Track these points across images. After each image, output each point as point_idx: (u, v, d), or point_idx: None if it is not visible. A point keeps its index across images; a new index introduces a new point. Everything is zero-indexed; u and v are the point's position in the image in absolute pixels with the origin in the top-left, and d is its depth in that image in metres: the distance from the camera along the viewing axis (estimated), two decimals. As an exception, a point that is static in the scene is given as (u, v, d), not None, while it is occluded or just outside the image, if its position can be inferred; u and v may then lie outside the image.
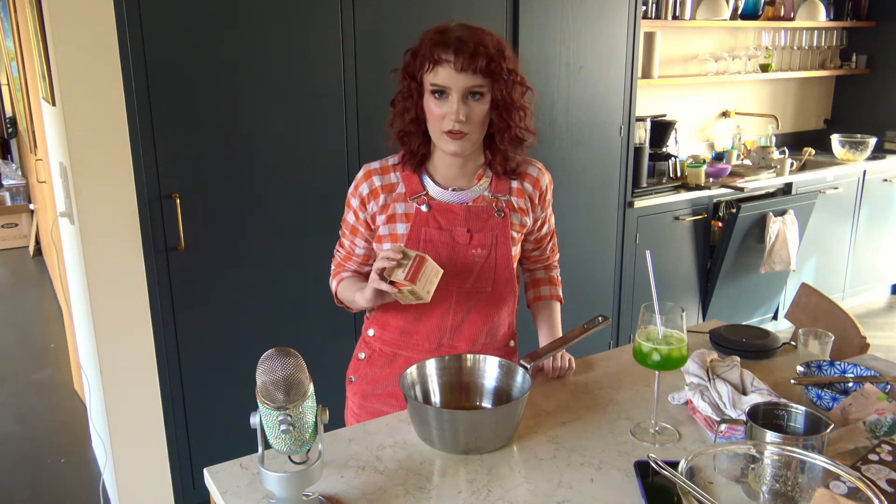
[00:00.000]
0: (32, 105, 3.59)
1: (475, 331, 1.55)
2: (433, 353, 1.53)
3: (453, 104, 1.37)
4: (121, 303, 2.30)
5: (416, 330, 1.55)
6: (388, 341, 1.59)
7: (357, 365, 1.65)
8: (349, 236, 1.58)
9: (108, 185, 2.22)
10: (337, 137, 2.54)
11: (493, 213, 1.50)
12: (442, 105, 1.38)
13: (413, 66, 1.40)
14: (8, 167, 6.15)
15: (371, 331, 1.62)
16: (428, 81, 1.38)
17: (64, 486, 2.89)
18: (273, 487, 1.07)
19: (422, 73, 1.38)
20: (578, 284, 3.29)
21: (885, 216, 4.62)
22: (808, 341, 1.67)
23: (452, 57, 1.34)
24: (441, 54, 1.34)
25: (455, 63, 1.34)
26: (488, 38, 1.37)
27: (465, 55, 1.33)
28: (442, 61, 1.34)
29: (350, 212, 1.55)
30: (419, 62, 1.38)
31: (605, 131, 3.22)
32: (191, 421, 2.50)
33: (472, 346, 1.56)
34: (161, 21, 2.18)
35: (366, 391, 1.62)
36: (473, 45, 1.34)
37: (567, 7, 2.96)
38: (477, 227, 1.49)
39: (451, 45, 1.34)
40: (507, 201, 1.52)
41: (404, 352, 1.57)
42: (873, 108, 4.82)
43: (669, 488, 1.15)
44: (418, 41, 1.41)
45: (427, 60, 1.36)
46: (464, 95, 1.37)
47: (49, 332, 4.44)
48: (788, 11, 4.41)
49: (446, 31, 1.37)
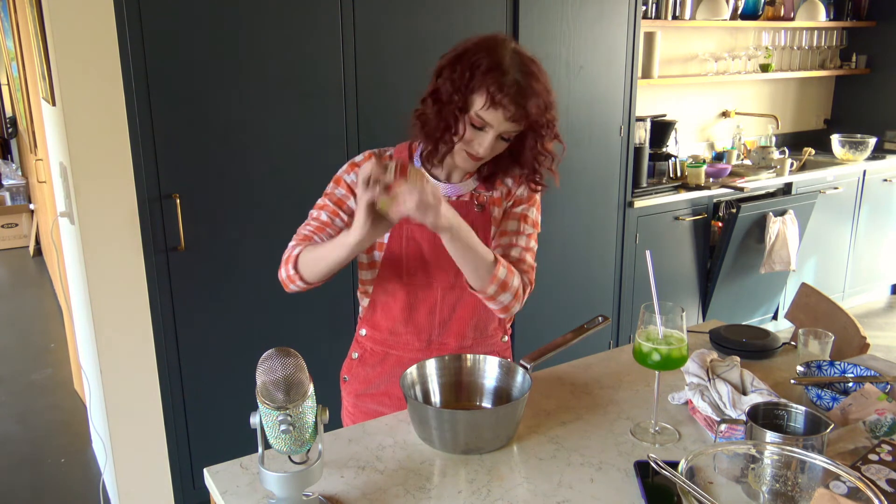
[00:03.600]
0: (32, 105, 3.59)
1: (463, 326, 1.56)
2: (423, 351, 1.55)
3: (488, 139, 1.38)
4: (121, 303, 2.30)
5: (405, 329, 1.56)
6: (378, 340, 1.59)
7: (350, 364, 1.65)
8: (332, 208, 1.53)
9: (108, 185, 2.22)
10: (337, 137, 2.54)
11: (472, 208, 1.51)
12: (476, 134, 1.39)
13: (468, 86, 1.36)
14: (8, 167, 6.15)
15: (363, 331, 1.62)
16: (475, 112, 1.36)
17: (64, 486, 2.89)
18: (273, 487, 1.07)
19: (473, 98, 1.36)
20: (578, 284, 3.29)
21: (885, 216, 4.62)
22: (808, 341, 1.67)
23: (512, 108, 1.34)
24: (501, 98, 1.33)
25: (509, 114, 1.34)
26: (540, 85, 1.37)
27: (522, 109, 1.34)
28: (499, 106, 1.34)
29: (340, 188, 1.53)
30: (473, 87, 1.36)
31: (605, 131, 3.22)
32: (191, 421, 2.50)
33: (461, 341, 1.57)
34: (161, 21, 2.18)
35: (359, 390, 1.63)
36: (532, 99, 1.34)
37: (567, 7, 2.96)
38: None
39: (510, 92, 1.33)
40: (490, 197, 1.53)
41: (395, 351, 1.58)
42: (873, 108, 4.82)
43: (669, 488, 1.15)
44: (470, 52, 1.37)
45: (486, 97, 1.34)
46: (499, 135, 1.39)
47: (49, 332, 4.43)
48: (788, 11, 4.41)
49: (502, 62, 1.35)
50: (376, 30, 2.52)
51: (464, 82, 1.36)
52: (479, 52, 1.36)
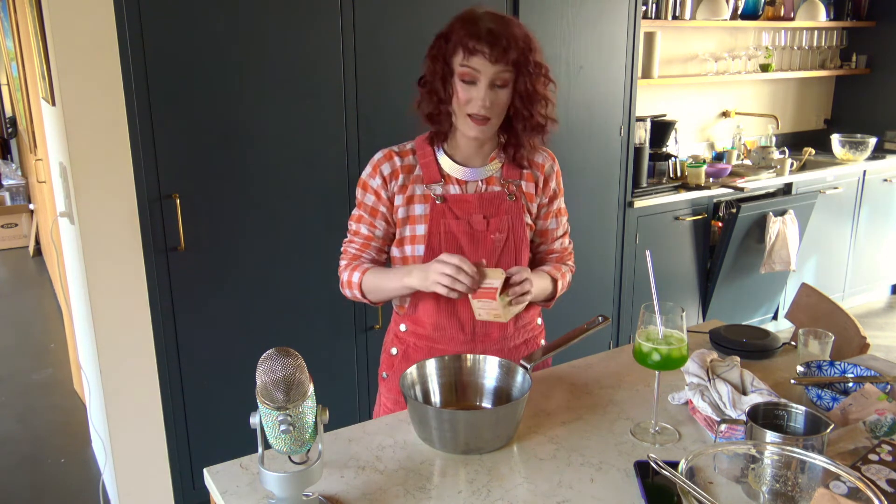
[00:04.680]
0: (32, 105, 3.59)
1: None
2: (468, 344, 1.58)
3: (481, 91, 1.43)
4: (121, 303, 2.30)
5: (449, 323, 1.57)
6: (423, 336, 1.60)
7: (391, 361, 1.65)
8: (368, 219, 1.56)
9: (108, 185, 2.22)
10: (337, 137, 2.54)
11: (505, 198, 1.56)
12: (469, 90, 1.44)
13: (445, 50, 1.45)
14: (8, 167, 6.15)
15: (403, 326, 1.62)
16: (459, 65, 1.43)
17: (64, 486, 2.89)
18: (273, 487, 1.07)
19: (454, 58, 1.44)
20: (578, 284, 3.28)
21: (885, 216, 4.62)
22: (808, 341, 1.66)
23: (487, 49, 1.40)
24: (475, 45, 1.40)
25: (489, 55, 1.40)
26: (517, 30, 1.43)
27: (499, 47, 1.40)
28: (476, 51, 1.40)
29: (369, 194, 1.56)
30: (451, 48, 1.44)
31: (605, 131, 3.22)
32: (191, 421, 2.49)
33: (504, 329, 1.60)
34: (161, 21, 2.18)
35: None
36: (506, 38, 1.40)
37: (567, 7, 2.96)
38: (492, 212, 1.54)
39: (484, 37, 1.40)
40: (518, 186, 1.58)
41: (440, 345, 1.59)
42: (873, 108, 4.82)
43: (669, 488, 1.15)
44: (448, 27, 1.46)
45: (461, 48, 1.41)
46: (491, 84, 1.43)
47: (49, 332, 4.44)
48: (788, 11, 4.41)
49: (477, 20, 1.43)
50: (376, 30, 2.52)
51: (441, 51, 1.46)
52: (452, 23, 1.46)
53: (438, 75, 1.46)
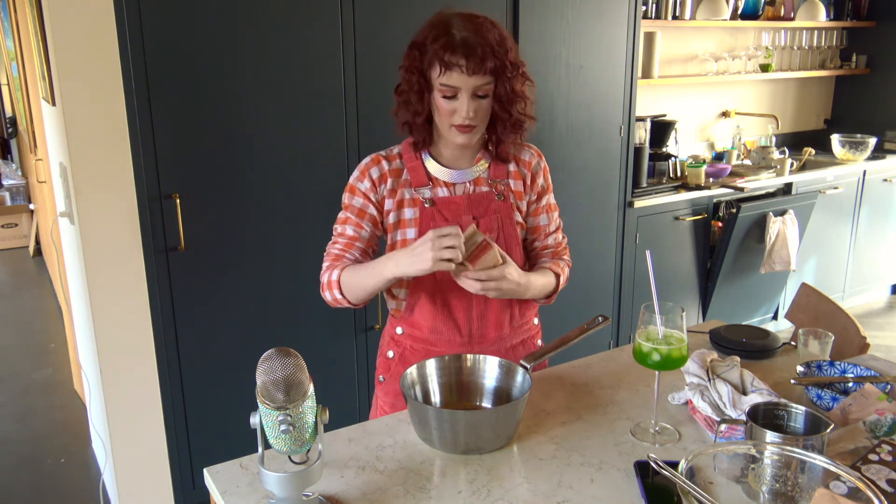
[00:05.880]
0: (32, 105, 3.59)
1: (500, 316, 1.58)
2: (465, 346, 1.57)
3: (464, 103, 1.42)
4: (121, 303, 2.31)
5: (445, 326, 1.57)
6: (420, 339, 1.59)
7: (388, 364, 1.65)
8: (355, 220, 1.54)
9: (108, 185, 2.22)
10: (337, 137, 2.54)
11: (493, 198, 1.55)
12: (451, 103, 1.43)
13: (421, 63, 1.43)
14: (8, 167, 6.15)
15: (399, 328, 1.62)
16: (438, 82, 1.41)
17: (64, 486, 2.89)
18: (273, 487, 1.07)
19: (430, 72, 1.42)
20: (578, 284, 3.29)
21: (885, 216, 4.62)
22: (808, 341, 1.67)
23: (464, 61, 1.38)
24: (451, 59, 1.38)
25: (466, 68, 1.38)
26: (490, 34, 1.40)
27: (475, 58, 1.38)
28: (453, 65, 1.38)
29: (357, 197, 1.54)
30: (427, 61, 1.41)
31: (605, 131, 3.22)
32: (191, 421, 2.50)
33: (499, 331, 1.59)
34: (161, 21, 2.18)
35: (399, 390, 1.61)
36: (481, 48, 1.38)
37: (567, 7, 2.96)
38: (480, 212, 1.54)
39: (459, 49, 1.37)
40: (507, 185, 1.57)
41: (437, 347, 1.58)
42: (873, 108, 4.82)
43: (669, 488, 1.15)
44: (420, 35, 1.43)
45: (437, 62, 1.39)
46: (473, 94, 1.42)
47: (49, 332, 4.44)
48: (788, 11, 4.41)
49: (449, 27, 1.40)
50: (376, 30, 2.52)
51: (416, 63, 1.43)
52: (424, 32, 1.43)
53: (415, 88, 1.44)
